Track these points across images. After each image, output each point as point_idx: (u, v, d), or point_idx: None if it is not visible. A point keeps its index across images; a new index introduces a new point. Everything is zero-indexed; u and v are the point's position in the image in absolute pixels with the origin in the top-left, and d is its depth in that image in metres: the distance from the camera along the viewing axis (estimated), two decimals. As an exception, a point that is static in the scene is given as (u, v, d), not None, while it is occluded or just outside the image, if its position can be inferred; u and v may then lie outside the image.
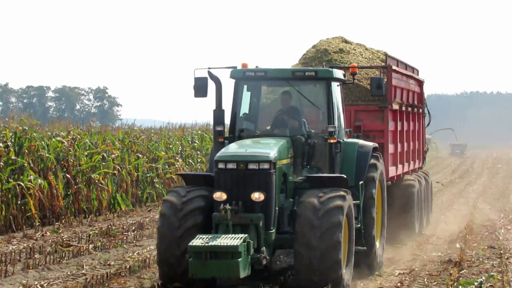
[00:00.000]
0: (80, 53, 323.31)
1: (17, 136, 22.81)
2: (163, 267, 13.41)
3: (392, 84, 18.67)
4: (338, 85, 15.35)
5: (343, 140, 15.22)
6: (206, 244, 12.12)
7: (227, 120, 15.16)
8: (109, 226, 21.13)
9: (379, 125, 18.58)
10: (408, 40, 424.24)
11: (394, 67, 19.04)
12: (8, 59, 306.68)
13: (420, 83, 22.54)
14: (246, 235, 12.49)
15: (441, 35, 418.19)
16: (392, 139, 19.11)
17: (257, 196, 13.00)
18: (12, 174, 21.66)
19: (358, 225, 14.58)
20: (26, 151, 22.54)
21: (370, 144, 15.73)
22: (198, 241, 12.28)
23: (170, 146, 32.49)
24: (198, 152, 33.90)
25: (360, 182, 14.92)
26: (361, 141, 15.71)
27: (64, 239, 19.25)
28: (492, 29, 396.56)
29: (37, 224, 21.34)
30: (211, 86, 14.92)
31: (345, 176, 14.02)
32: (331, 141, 14.56)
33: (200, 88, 14.90)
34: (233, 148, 13.84)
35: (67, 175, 23.79)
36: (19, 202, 21.33)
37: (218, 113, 14.81)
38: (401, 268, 16.41)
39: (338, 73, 15.32)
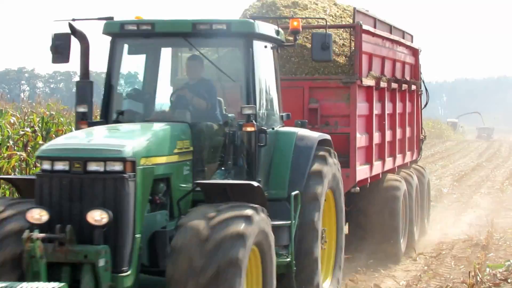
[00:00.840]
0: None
1: (44, 121, 22.92)
2: None
3: (363, 51, 13.47)
4: (267, 47, 10.38)
5: (273, 128, 10.36)
6: None
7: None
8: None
9: (343, 108, 13.31)
10: (432, 20, 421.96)
11: (367, 27, 13.73)
12: (34, 45, 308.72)
13: (414, 51, 17.35)
14: (64, 284, 7.38)
15: (468, 18, 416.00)
16: (364, 127, 13.93)
17: (98, 217, 7.84)
18: (39, 159, 21.79)
19: (288, 259, 9.75)
20: (54, 136, 22.67)
21: (315, 135, 10.78)
22: None
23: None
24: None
25: (293, 193, 9.96)
26: (302, 131, 10.76)
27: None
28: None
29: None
30: (77, 46, 10.28)
31: (256, 184, 8.82)
32: (248, 129, 9.48)
33: (59, 50, 10.05)
34: (69, 138, 8.87)
35: (94, 160, 23.91)
36: (46, 186, 21.48)
37: (83, 87, 10.13)
38: (428, 252, 16.40)
39: (266, 28, 10.21)
